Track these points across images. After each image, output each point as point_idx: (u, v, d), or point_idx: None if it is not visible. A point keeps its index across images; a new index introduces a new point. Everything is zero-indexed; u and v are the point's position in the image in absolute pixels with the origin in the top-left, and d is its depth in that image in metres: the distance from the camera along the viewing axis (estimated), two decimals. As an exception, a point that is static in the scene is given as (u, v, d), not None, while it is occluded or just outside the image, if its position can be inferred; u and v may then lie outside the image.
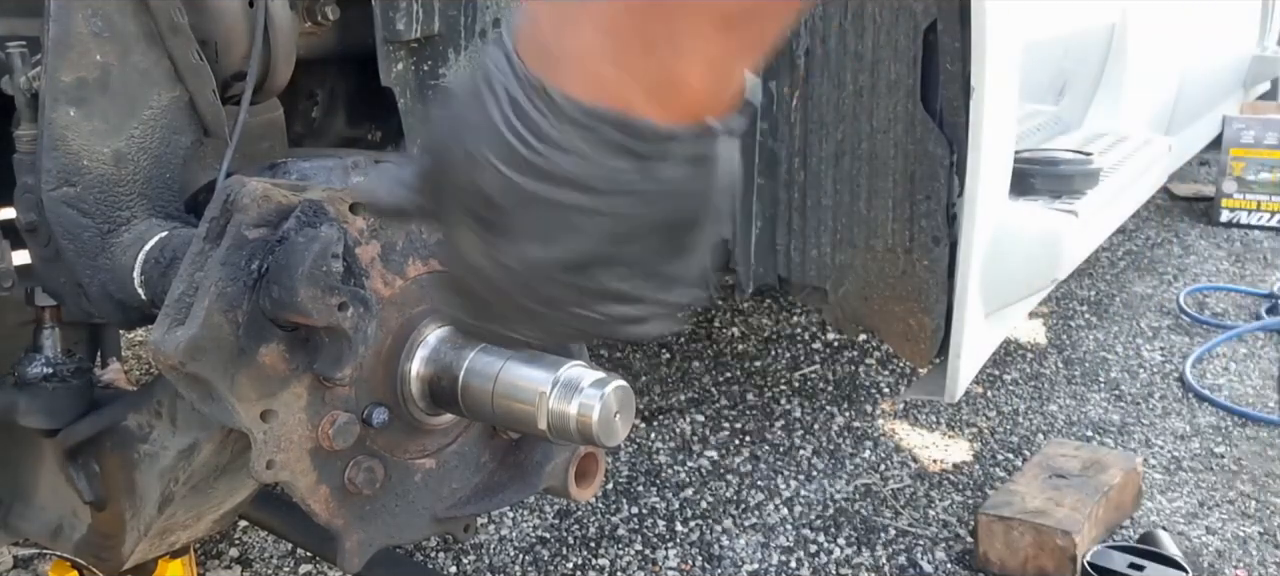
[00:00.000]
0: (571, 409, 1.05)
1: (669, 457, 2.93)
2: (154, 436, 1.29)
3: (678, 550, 2.53)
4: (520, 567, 2.46)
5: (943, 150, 2.07)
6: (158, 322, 1.05)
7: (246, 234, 1.04)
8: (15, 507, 1.50)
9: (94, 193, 1.25)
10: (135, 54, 1.27)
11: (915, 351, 2.23)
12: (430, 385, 1.13)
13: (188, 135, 1.32)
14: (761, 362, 3.49)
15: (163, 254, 1.23)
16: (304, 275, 0.99)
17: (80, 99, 1.24)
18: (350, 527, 1.11)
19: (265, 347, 1.03)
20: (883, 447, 3.01)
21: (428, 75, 1.96)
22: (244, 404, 1.03)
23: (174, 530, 1.39)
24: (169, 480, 1.29)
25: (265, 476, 1.05)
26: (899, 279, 2.17)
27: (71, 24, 1.23)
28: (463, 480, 1.20)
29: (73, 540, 1.45)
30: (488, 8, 1.93)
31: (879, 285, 2.20)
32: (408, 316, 1.13)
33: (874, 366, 3.48)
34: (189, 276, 1.05)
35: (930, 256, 2.10)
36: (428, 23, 1.89)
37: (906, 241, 2.12)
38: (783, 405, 3.23)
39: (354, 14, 1.86)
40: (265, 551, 2.49)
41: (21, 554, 2.39)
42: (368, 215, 1.09)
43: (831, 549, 2.54)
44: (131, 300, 1.26)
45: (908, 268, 2.16)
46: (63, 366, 1.39)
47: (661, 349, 3.58)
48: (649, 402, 3.23)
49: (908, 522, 2.64)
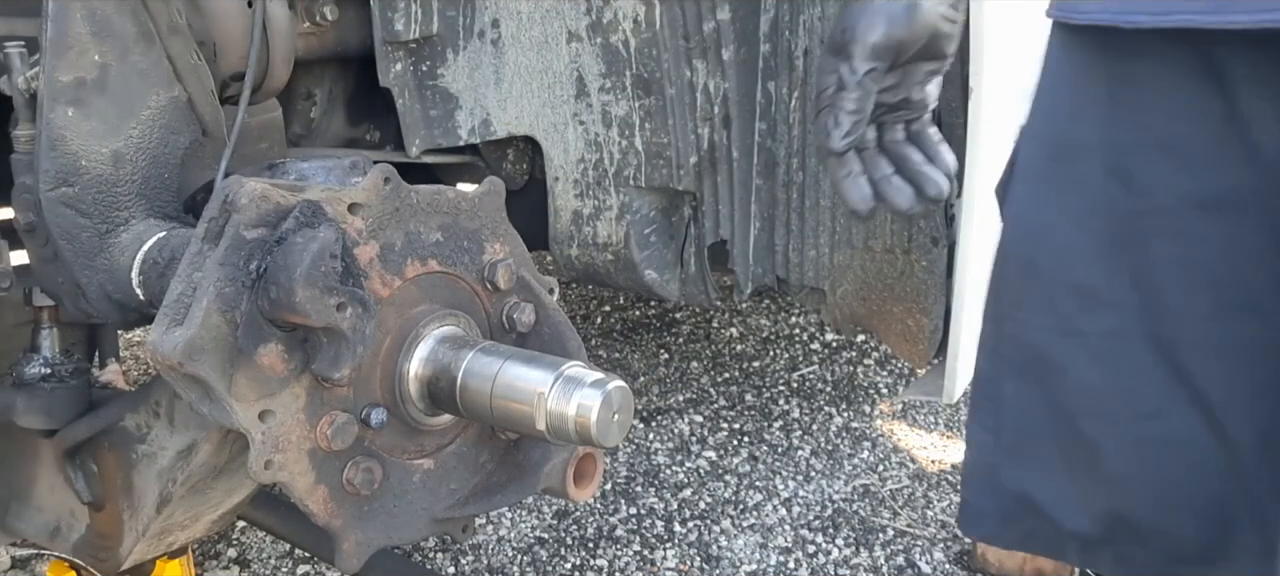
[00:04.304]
0: (570, 409, 1.05)
1: (667, 458, 2.93)
2: (152, 437, 1.29)
3: (676, 550, 2.53)
4: (518, 568, 2.46)
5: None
6: (156, 323, 1.05)
7: (245, 234, 1.04)
8: (13, 508, 1.50)
9: (92, 193, 1.25)
10: (134, 54, 1.27)
11: (914, 352, 2.23)
12: (428, 386, 1.13)
13: (186, 135, 1.32)
14: (760, 363, 3.49)
15: (161, 254, 1.23)
16: (302, 275, 0.99)
17: (78, 99, 1.24)
18: (348, 528, 1.11)
19: (263, 348, 1.03)
20: (881, 448, 3.01)
21: (426, 75, 1.96)
22: (242, 404, 1.03)
23: (172, 530, 1.39)
24: (167, 480, 1.29)
25: (263, 476, 1.05)
26: (897, 279, 2.17)
27: (69, 24, 1.23)
28: (461, 480, 1.20)
29: (70, 540, 1.45)
30: (486, 8, 1.93)
31: (877, 286, 2.20)
32: (406, 317, 1.13)
33: (872, 367, 3.48)
34: (187, 277, 1.05)
35: (929, 257, 2.10)
36: (426, 23, 1.89)
37: (905, 242, 2.12)
38: (781, 405, 3.23)
39: (352, 14, 1.86)
40: (263, 552, 2.49)
41: (19, 554, 2.39)
42: (365, 215, 1.09)
43: (830, 549, 2.54)
44: (129, 300, 1.26)
45: (906, 268, 2.16)
46: (61, 366, 1.39)
47: (660, 349, 3.58)
48: (647, 403, 3.23)
49: (906, 523, 2.65)
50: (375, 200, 1.09)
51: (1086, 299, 1.16)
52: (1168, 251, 1.12)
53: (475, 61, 1.95)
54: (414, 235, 1.13)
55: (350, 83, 2.04)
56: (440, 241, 1.15)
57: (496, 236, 1.20)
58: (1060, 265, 1.17)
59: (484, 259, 1.19)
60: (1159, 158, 1.10)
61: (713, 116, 1.92)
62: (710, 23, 1.88)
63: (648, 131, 1.92)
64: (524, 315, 1.20)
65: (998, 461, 1.25)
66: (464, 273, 1.17)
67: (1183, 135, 1.09)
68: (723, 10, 1.88)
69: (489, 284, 1.19)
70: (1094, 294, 1.15)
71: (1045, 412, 1.20)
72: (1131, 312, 1.14)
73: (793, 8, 1.93)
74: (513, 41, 1.94)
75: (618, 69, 1.90)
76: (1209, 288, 1.11)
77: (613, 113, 1.93)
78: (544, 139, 1.99)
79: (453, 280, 1.17)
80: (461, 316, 1.16)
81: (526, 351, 1.15)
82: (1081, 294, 1.16)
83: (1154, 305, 1.13)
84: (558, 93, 1.95)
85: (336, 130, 2.06)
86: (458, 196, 1.17)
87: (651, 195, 1.99)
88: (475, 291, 1.19)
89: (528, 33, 1.93)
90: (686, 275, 2.09)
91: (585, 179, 1.99)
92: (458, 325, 1.16)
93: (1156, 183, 1.11)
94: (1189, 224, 1.10)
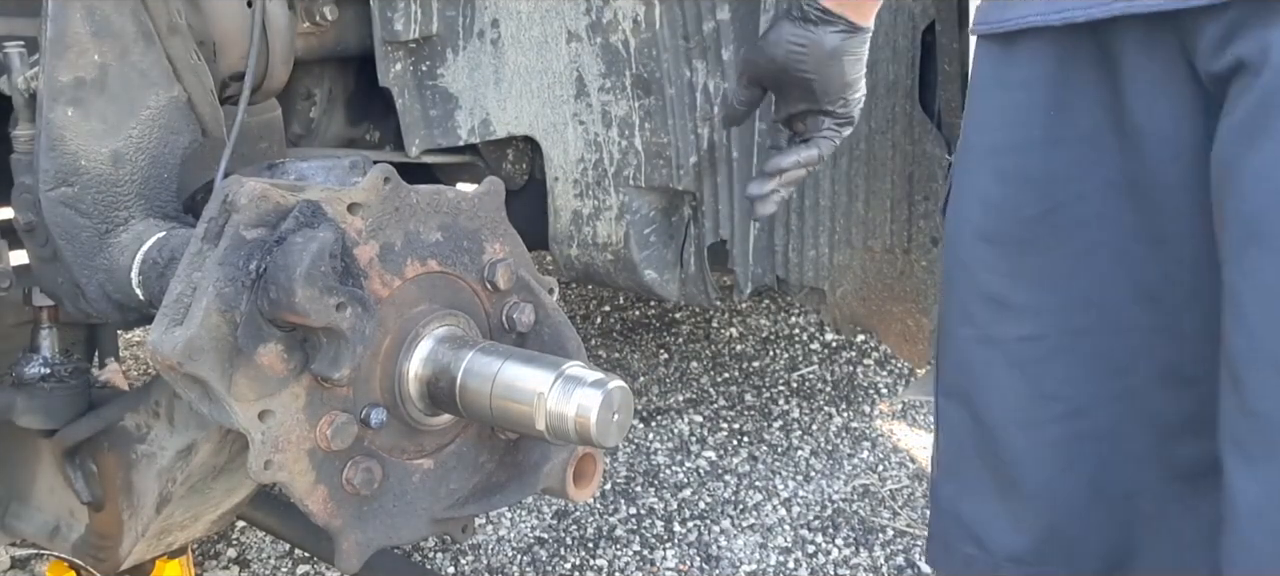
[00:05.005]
0: (569, 409, 1.05)
1: (667, 458, 2.93)
2: (152, 437, 1.29)
3: (676, 550, 2.53)
4: (518, 568, 2.46)
5: (941, 151, 2.07)
6: (155, 323, 1.05)
7: (244, 234, 1.04)
8: (13, 508, 1.50)
9: (92, 193, 1.25)
10: (133, 54, 1.27)
11: (913, 352, 2.23)
12: (428, 385, 1.13)
13: (186, 135, 1.32)
14: (760, 363, 3.49)
15: (160, 254, 1.23)
16: (302, 275, 0.99)
17: (78, 99, 1.24)
18: (348, 528, 1.11)
19: (263, 348, 1.03)
20: (881, 448, 3.01)
21: (426, 75, 1.96)
22: (242, 404, 1.03)
23: (172, 530, 1.39)
24: (167, 480, 1.29)
25: (263, 476, 1.05)
26: (897, 279, 2.17)
27: (69, 24, 1.23)
28: (461, 480, 1.20)
29: (70, 540, 1.45)
30: (486, 8, 1.93)
31: (877, 286, 2.20)
32: (406, 317, 1.13)
33: (872, 367, 3.48)
34: (187, 276, 1.05)
35: (928, 257, 2.10)
36: (426, 23, 1.89)
37: (904, 242, 2.12)
38: (781, 405, 3.23)
39: (352, 14, 1.86)
40: (263, 552, 2.49)
41: (19, 554, 2.39)
42: (365, 215, 1.09)
43: (829, 549, 2.54)
44: (129, 300, 1.26)
45: (906, 268, 2.16)
46: (60, 366, 1.39)
47: (660, 349, 3.58)
48: (647, 403, 3.23)
49: (906, 523, 2.65)
50: (375, 200, 1.09)
51: (997, 307, 1.17)
52: (1082, 242, 1.12)
53: (475, 61, 1.95)
54: (414, 235, 1.13)
55: (350, 83, 2.04)
56: (440, 241, 1.15)
57: (496, 236, 1.20)
58: (969, 276, 1.19)
59: (484, 259, 1.19)
60: (1060, 151, 1.12)
61: (713, 116, 1.92)
62: (710, 23, 1.88)
63: (647, 131, 1.92)
64: (524, 315, 1.20)
65: (938, 480, 1.27)
66: (464, 272, 1.17)
67: (1079, 126, 1.11)
68: (723, 10, 1.88)
69: (489, 284, 1.19)
70: (1004, 301, 1.17)
71: (972, 430, 1.21)
72: (1046, 314, 1.15)
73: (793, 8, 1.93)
74: (512, 41, 1.94)
75: (617, 69, 1.90)
76: (1126, 273, 1.12)
77: (612, 113, 1.93)
78: (544, 139, 1.99)
79: (452, 280, 1.17)
80: (461, 316, 1.16)
81: (526, 351, 1.15)
82: (992, 302, 1.17)
83: (1071, 301, 1.14)
84: (557, 93, 1.95)
85: (336, 130, 2.06)
86: (458, 196, 1.17)
87: (651, 195, 1.99)
88: (475, 291, 1.19)
89: (527, 33, 1.93)
90: (686, 275, 2.09)
91: (585, 179, 1.99)
92: (457, 325, 1.16)
93: (1060, 175, 1.12)
94: (1105, 209, 1.11)
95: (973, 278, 1.19)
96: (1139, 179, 1.09)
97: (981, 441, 1.20)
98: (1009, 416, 1.18)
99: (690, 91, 1.91)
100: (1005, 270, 1.16)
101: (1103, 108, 1.10)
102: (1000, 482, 1.19)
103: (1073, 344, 1.15)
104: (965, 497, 1.23)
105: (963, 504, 1.23)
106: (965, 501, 1.22)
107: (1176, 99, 1.05)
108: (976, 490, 1.21)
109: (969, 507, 1.22)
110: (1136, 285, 1.12)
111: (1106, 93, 1.09)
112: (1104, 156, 1.10)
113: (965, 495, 1.23)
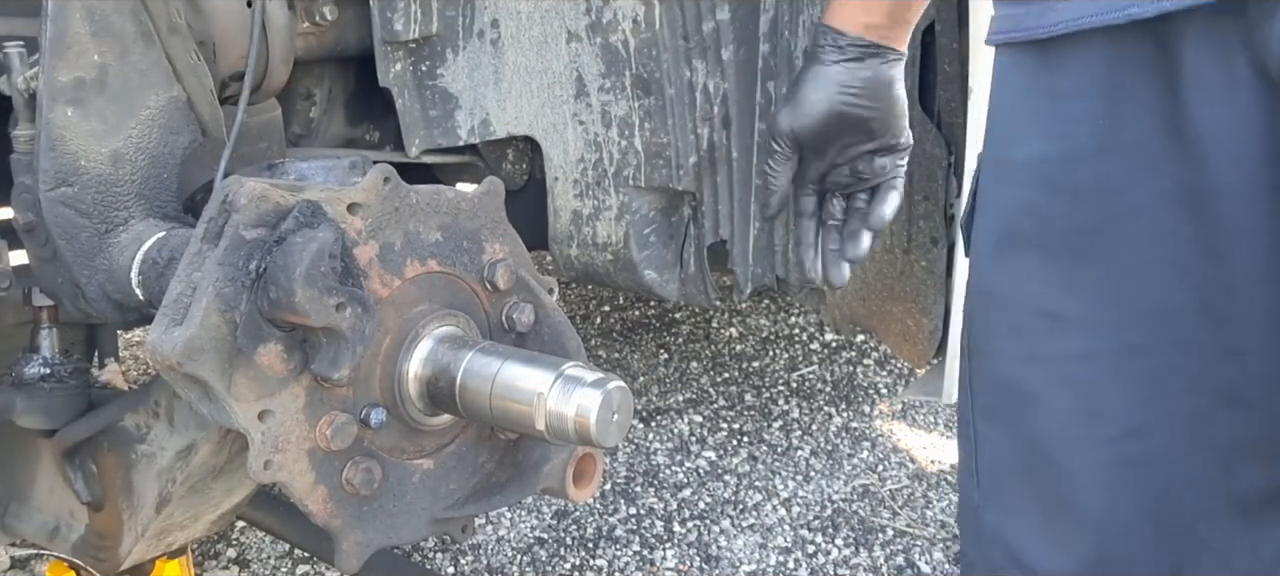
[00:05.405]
0: (569, 410, 1.05)
1: (667, 458, 2.93)
2: (151, 437, 1.29)
3: (675, 550, 2.53)
4: (518, 568, 2.46)
5: (941, 151, 2.07)
6: (155, 323, 1.05)
7: (244, 234, 1.04)
8: (12, 508, 1.50)
9: (92, 193, 1.25)
10: (133, 54, 1.27)
11: (913, 352, 2.23)
12: (428, 386, 1.13)
13: (185, 135, 1.32)
14: (759, 363, 3.49)
15: (160, 254, 1.23)
16: (302, 276, 0.99)
17: (78, 99, 1.24)
18: (347, 528, 1.11)
19: (263, 348, 1.03)
20: (881, 448, 3.01)
21: (426, 75, 1.96)
22: (241, 404, 1.03)
23: (171, 530, 1.39)
24: (166, 480, 1.29)
25: (263, 476, 1.05)
26: (897, 279, 2.17)
27: (69, 24, 1.23)
28: (460, 480, 1.20)
29: (70, 540, 1.45)
30: (486, 8, 1.93)
31: (877, 286, 2.20)
32: (406, 317, 1.13)
33: (872, 367, 3.48)
34: (186, 277, 1.05)
35: (928, 257, 2.10)
36: (425, 23, 1.89)
37: (904, 242, 2.12)
38: (781, 405, 3.23)
39: (352, 14, 1.86)
40: (263, 552, 2.49)
41: (19, 554, 2.39)
42: (365, 215, 1.09)
43: (829, 549, 2.54)
44: (129, 300, 1.26)
45: (906, 268, 2.16)
46: (60, 366, 1.39)
47: (659, 349, 3.58)
48: (647, 403, 3.23)
49: (905, 523, 2.65)
50: (375, 200, 1.09)
51: (1049, 321, 1.11)
52: (1138, 255, 1.07)
53: (475, 61, 1.95)
54: (413, 235, 1.13)
55: (350, 82, 2.04)
56: (440, 241, 1.15)
57: (496, 236, 1.20)
58: (1015, 288, 1.13)
59: (484, 259, 1.19)
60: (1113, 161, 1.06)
61: (712, 116, 1.92)
62: (710, 23, 1.88)
63: (647, 131, 1.92)
64: (523, 315, 1.20)
65: (981, 506, 1.21)
66: (463, 273, 1.17)
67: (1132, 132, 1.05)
68: (722, 10, 1.88)
69: (488, 284, 1.19)
70: (1055, 314, 1.10)
71: (1018, 451, 1.15)
72: (1101, 329, 1.09)
73: (793, 8, 1.93)
74: (512, 41, 1.94)
75: (617, 69, 1.90)
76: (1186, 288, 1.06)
77: (612, 113, 1.93)
78: (543, 139, 1.99)
79: (452, 280, 1.17)
80: (461, 316, 1.16)
81: (526, 351, 1.15)
82: (1042, 316, 1.11)
83: (1127, 316, 1.08)
84: (557, 93, 1.95)
85: (336, 130, 2.06)
86: (457, 196, 1.17)
87: (651, 195, 1.99)
88: (475, 291, 1.19)
89: (527, 33, 1.93)
90: (686, 275, 2.09)
91: (585, 179, 1.99)
92: (457, 325, 1.16)
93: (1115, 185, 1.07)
94: (1160, 220, 1.05)
95: (1020, 290, 1.12)
96: (1198, 188, 1.02)
97: (1029, 462, 1.14)
98: (1060, 436, 1.11)
99: (690, 91, 1.91)
100: (1058, 281, 1.10)
101: (1156, 113, 1.03)
102: (1047, 504, 1.13)
103: (1129, 361, 1.08)
104: (1008, 518, 1.17)
105: (1006, 524, 1.17)
106: (1009, 522, 1.17)
107: (1241, 100, 0.99)
108: (1020, 511, 1.15)
109: (1012, 530, 1.16)
110: (1197, 301, 1.05)
111: (1161, 96, 1.02)
112: (1159, 165, 1.04)
113: (1008, 516, 1.17)
